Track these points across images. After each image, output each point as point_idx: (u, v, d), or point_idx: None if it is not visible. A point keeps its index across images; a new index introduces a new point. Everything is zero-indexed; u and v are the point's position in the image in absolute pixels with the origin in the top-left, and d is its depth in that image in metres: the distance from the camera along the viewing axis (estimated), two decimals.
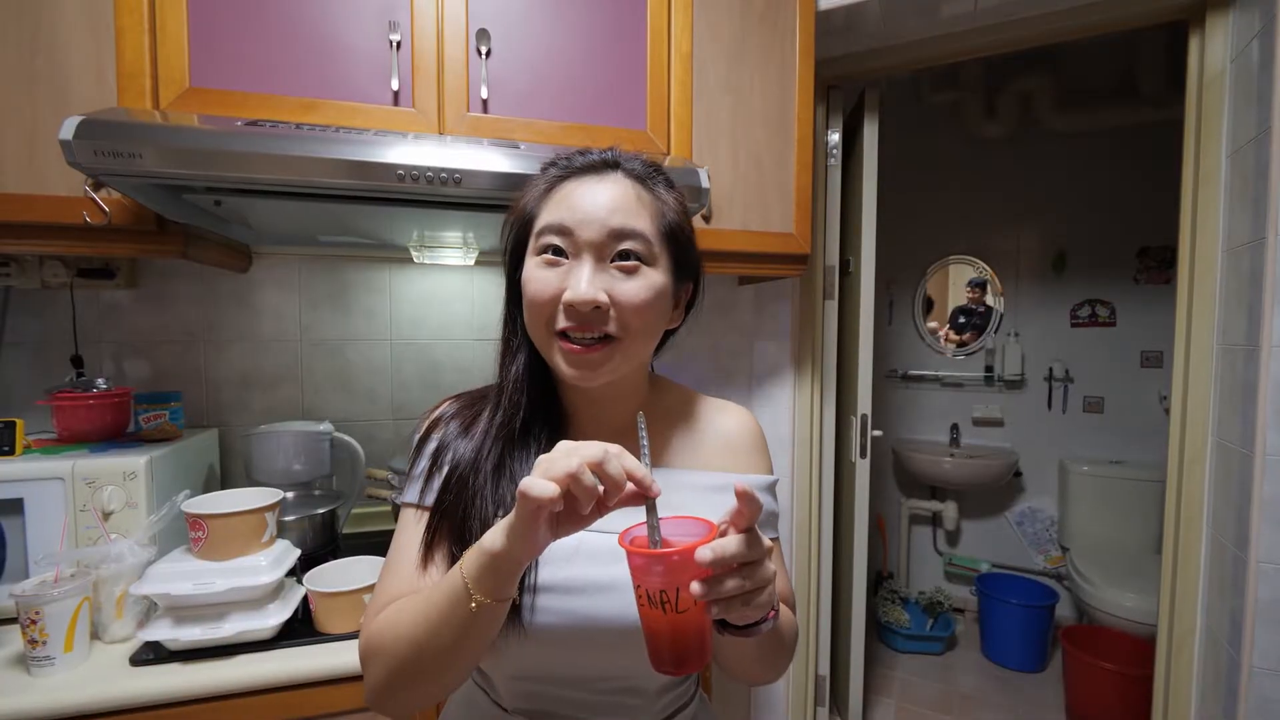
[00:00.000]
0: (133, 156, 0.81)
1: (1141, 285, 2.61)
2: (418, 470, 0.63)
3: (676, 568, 0.41)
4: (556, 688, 0.59)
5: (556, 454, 0.44)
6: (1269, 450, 1.12)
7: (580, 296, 0.54)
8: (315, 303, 1.47)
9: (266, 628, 0.93)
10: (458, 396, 0.70)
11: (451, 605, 0.48)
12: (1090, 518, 2.59)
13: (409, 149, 0.92)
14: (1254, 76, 1.21)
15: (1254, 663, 1.14)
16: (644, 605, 0.43)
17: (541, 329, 0.57)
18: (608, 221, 0.56)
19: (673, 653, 0.43)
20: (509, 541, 0.45)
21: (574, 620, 0.55)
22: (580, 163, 0.61)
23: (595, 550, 0.57)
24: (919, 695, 2.29)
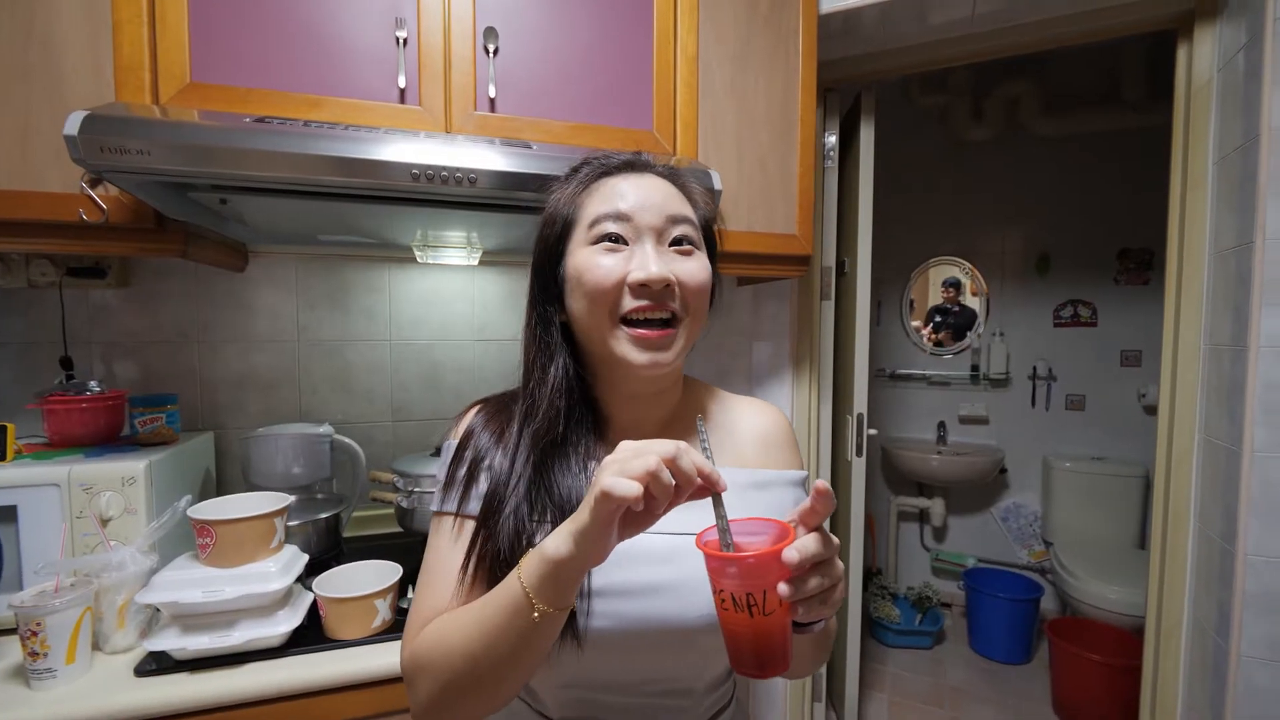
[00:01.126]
0: (141, 153, 0.79)
1: (1121, 286, 2.69)
2: (456, 480, 0.61)
3: (762, 570, 0.41)
4: (606, 693, 0.58)
5: (627, 454, 0.43)
6: (1256, 447, 1.17)
7: (656, 274, 0.54)
8: (313, 302, 1.45)
9: (276, 635, 0.91)
10: (485, 402, 0.69)
11: (510, 616, 0.47)
12: (1073, 513, 2.65)
13: (424, 148, 0.91)
14: (1240, 87, 1.25)
15: (1243, 651, 1.19)
16: (728, 610, 0.42)
17: (605, 317, 0.57)
18: (664, 207, 0.58)
19: (757, 655, 0.43)
20: (578, 546, 0.44)
21: (627, 624, 0.54)
22: (615, 161, 0.63)
23: (645, 552, 0.56)
24: (910, 689, 2.33)
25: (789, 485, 0.66)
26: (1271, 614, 1.16)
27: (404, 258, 1.50)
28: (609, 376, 0.63)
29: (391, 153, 0.89)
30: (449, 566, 0.58)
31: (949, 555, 2.93)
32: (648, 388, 0.62)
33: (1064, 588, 2.34)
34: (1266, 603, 1.17)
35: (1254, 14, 1.19)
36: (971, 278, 2.95)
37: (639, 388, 0.62)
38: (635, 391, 0.63)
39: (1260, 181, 1.15)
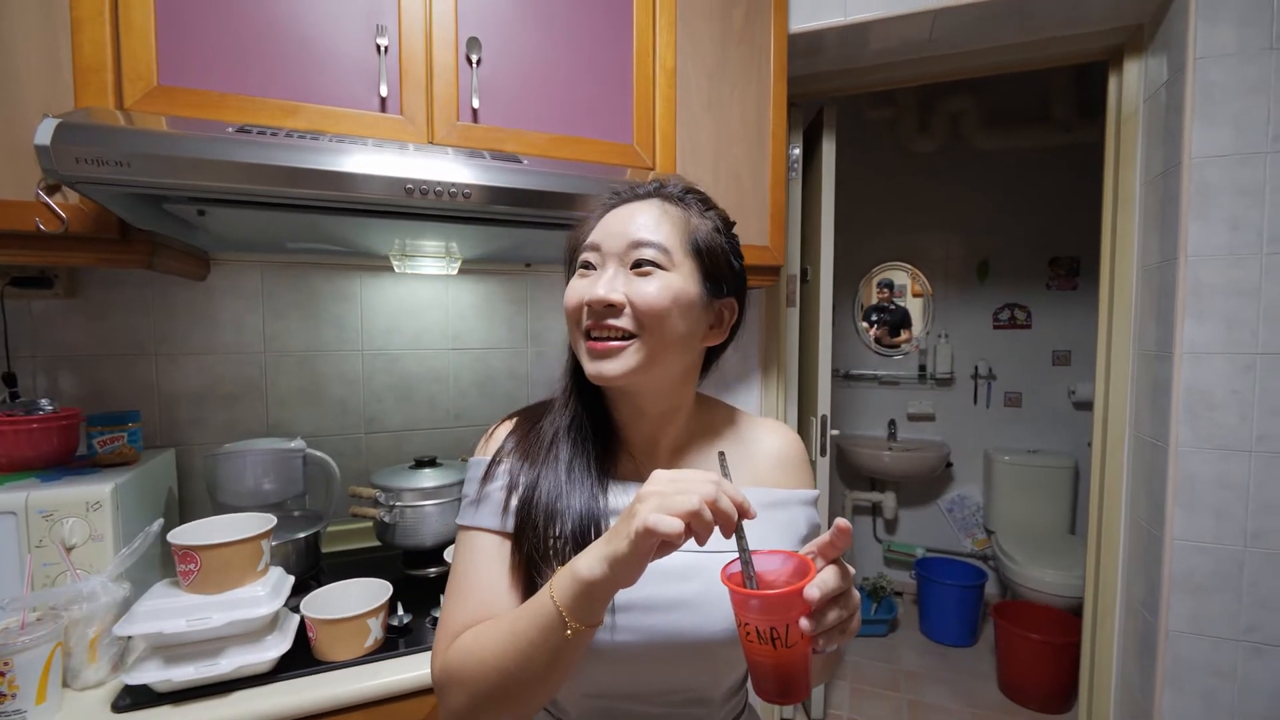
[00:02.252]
0: (120, 165, 0.76)
1: (1052, 291, 2.90)
2: (491, 496, 0.63)
3: (785, 605, 0.43)
4: (629, 703, 0.61)
5: (667, 488, 0.45)
6: (1180, 443, 1.30)
7: (596, 296, 0.59)
8: (280, 312, 1.40)
9: (265, 660, 0.89)
10: (516, 416, 0.71)
11: (544, 632, 0.49)
12: (1011, 503, 2.84)
13: (418, 162, 0.91)
14: (1163, 118, 1.38)
15: (1170, 627, 1.32)
16: (752, 641, 0.44)
17: (576, 333, 0.62)
18: (630, 234, 0.61)
19: (779, 684, 0.45)
20: (612, 570, 0.46)
21: (651, 637, 0.57)
22: (627, 194, 0.66)
23: (667, 569, 0.58)
24: (868, 675, 2.44)
25: (803, 504, 0.70)
26: (1195, 593, 1.30)
27: (376, 265, 1.46)
28: (619, 397, 0.66)
29: (387, 167, 0.88)
30: (484, 579, 0.60)
31: (900, 546, 3.09)
32: (645, 405, 0.65)
33: (1005, 573, 2.51)
34: (1190, 583, 1.30)
35: (1176, 51, 1.32)
36: (914, 280, 3.11)
37: (647, 406, 0.65)
38: (644, 410, 0.66)
39: (1182, 205, 1.27)
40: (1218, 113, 1.24)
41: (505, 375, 1.62)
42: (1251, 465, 1.25)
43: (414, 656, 0.98)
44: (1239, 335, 1.25)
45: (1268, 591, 1.25)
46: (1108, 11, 1.44)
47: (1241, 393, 1.25)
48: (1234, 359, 1.25)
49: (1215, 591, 1.28)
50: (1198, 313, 1.27)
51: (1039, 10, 1.43)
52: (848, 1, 1.50)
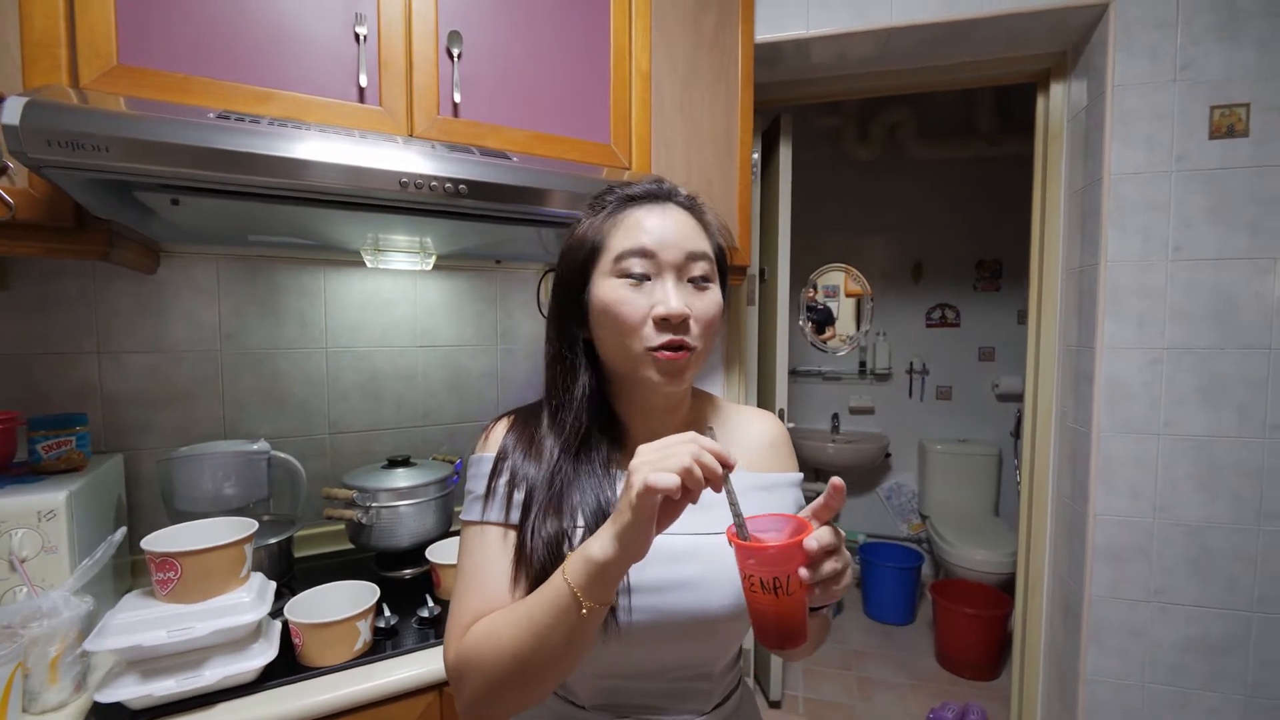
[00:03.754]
0: (98, 149, 0.71)
1: (978, 292, 3.14)
2: (497, 491, 0.64)
3: (786, 557, 0.47)
4: (637, 680, 0.63)
5: (655, 455, 0.49)
6: (1102, 428, 1.45)
7: (675, 309, 0.60)
8: (238, 308, 1.33)
9: (251, 670, 0.85)
10: (512, 415, 0.72)
11: (559, 614, 0.52)
12: (944, 488, 3.06)
13: (412, 156, 0.90)
14: (1084, 137, 1.54)
15: (1093, 592, 1.47)
16: (755, 592, 0.49)
17: (632, 346, 0.62)
18: (684, 245, 0.62)
19: (779, 631, 0.50)
20: (621, 545, 0.49)
21: (659, 617, 0.60)
22: (638, 191, 0.66)
23: (671, 551, 0.62)
24: (819, 656, 2.57)
25: (791, 486, 0.74)
26: (1113, 561, 1.46)
27: (340, 260, 1.41)
28: (628, 392, 0.68)
29: (382, 159, 0.86)
30: (493, 571, 0.61)
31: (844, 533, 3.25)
32: (663, 403, 0.68)
33: (940, 553, 2.70)
34: (1110, 553, 1.46)
35: (1096, 78, 1.48)
36: (848, 280, 3.28)
37: (656, 402, 0.68)
38: (652, 405, 0.69)
39: (1103, 216, 1.43)
40: (1132, 134, 1.40)
41: (475, 373, 1.60)
42: (1159, 447, 1.42)
43: (404, 658, 0.97)
44: (1149, 332, 1.41)
45: (1171, 558, 1.42)
46: (1036, 39, 1.58)
47: (1151, 383, 1.41)
48: (1145, 353, 1.41)
49: (1130, 560, 1.45)
50: (1115, 312, 1.42)
51: (978, 35, 1.56)
52: (809, 16, 1.58)
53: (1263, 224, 1.35)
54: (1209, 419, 1.39)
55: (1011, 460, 3.09)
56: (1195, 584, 1.41)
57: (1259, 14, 1.32)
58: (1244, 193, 1.35)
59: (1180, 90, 1.37)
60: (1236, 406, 1.37)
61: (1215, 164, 1.36)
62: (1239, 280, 1.36)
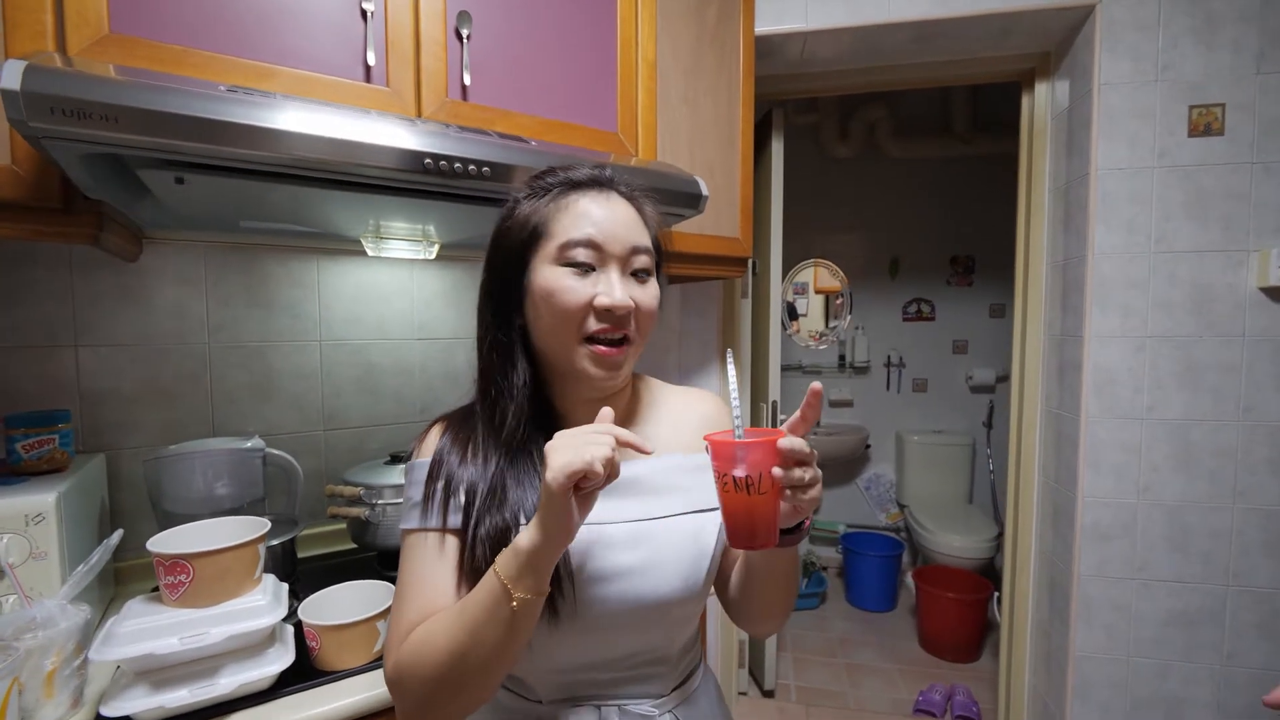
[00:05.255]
0: (105, 120, 0.66)
1: (952, 287, 3.23)
2: (434, 496, 0.62)
3: (759, 454, 0.49)
4: (593, 672, 0.63)
5: (571, 441, 0.50)
6: (1090, 414, 1.51)
7: (620, 301, 0.60)
8: (226, 299, 1.26)
9: (268, 676, 0.81)
10: (446, 418, 0.69)
11: (492, 609, 0.52)
12: (920, 478, 3.14)
13: (433, 136, 0.86)
14: (1067, 135, 1.60)
15: (1081, 571, 1.53)
16: (728, 491, 0.51)
17: (571, 335, 0.61)
18: (629, 239, 0.62)
19: (750, 528, 0.52)
20: (545, 531, 0.50)
21: (609, 606, 0.60)
22: (583, 176, 0.65)
23: (615, 540, 0.62)
24: (806, 645, 2.61)
25: None
26: (1100, 541, 1.52)
27: (335, 249, 1.36)
28: (565, 383, 0.66)
29: (404, 139, 0.82)
30: (433, 579, 0.59)
31: (824, 524, 3.31)
32: (598, 393, 0.66)
33: (920, 541, 2.78)
34: (1097, 533, 1.52)
35: (1081, 77, 1.53)
36: (821, 277, 3.34)
37: (592, 394, 0.66)
38: (587, 398, 0.66)
39: (1090, 211, 1.48)
40: (1116, 131, 1.46)
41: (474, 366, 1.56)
42: (1143, 431, 1.48)
43: None
44: (1133, 321, 1.47)
45: (1154, 536, 1.49)
46: (1023, 38, 1.63)
47: (1135, 370, 1.48)
48: (1129, 341, 1.48)
49: (1116, 539, 1.51)
50: (1102, 302, 1.48)
51: (968, 33, 1.60)
52: (809, 11, 1.59)
53: (1235, 219, 1.42)
54: (1187, 403, 1.46)
55: (984, 449, 3.20)
56: (1175, 561, 1.49)
57: (1233, 18, 1.39)
58: (1219, 189, 1.42)
59: (1161, 90, 1.43)
60: (1212, 391, 1.45)
61: (1193, 161, 1.43)
62: (1214, 272, 1.43)
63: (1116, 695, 1.53)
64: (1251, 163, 1.40)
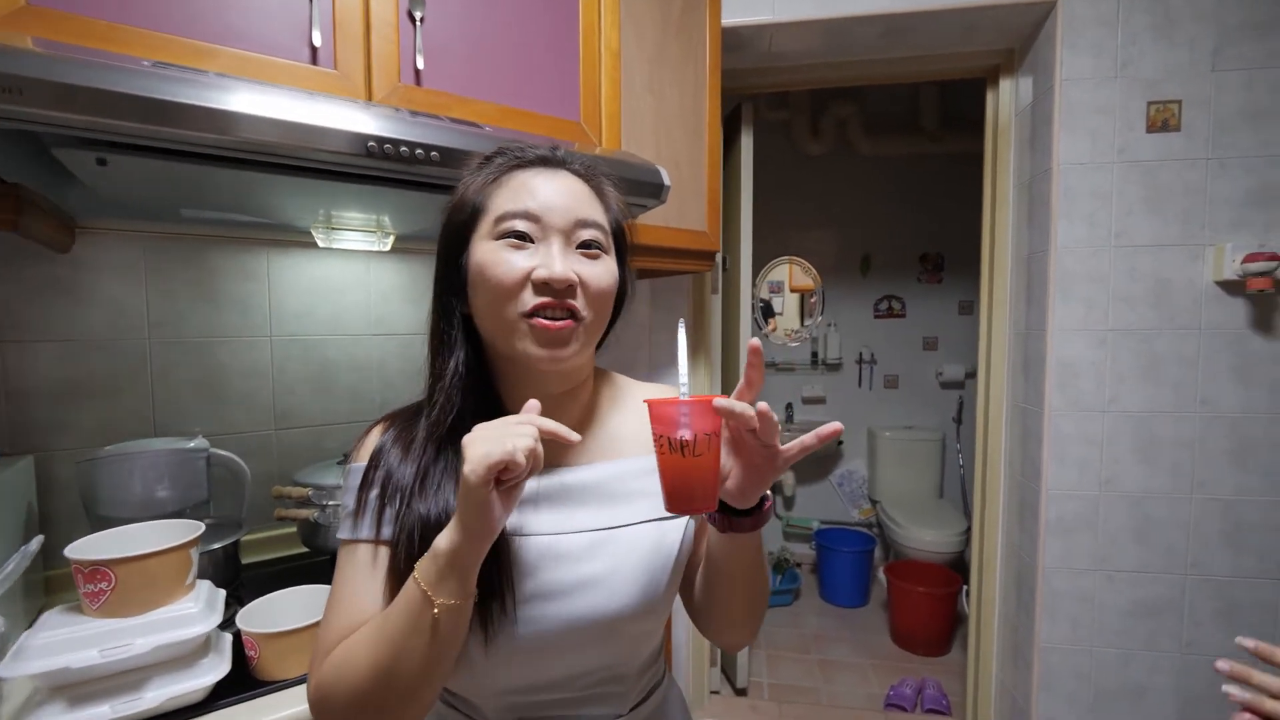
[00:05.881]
0: (7, 91, 0.61)
1: (922, 284, 3.26)
2: (368, 504, 0.57)
3: (694, 415, 0.48)
4: (545, 693, 0.59)
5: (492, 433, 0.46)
6: (1053, 408, 1.52)
7: (559, 274, 0.54)
8: (169, 292, 1.20)
9: (199, 688, 0.77)
10: (391, 417, 0.64)
11: (412, 618, 0.48)
12: (892, 473, 3.17)
13: (380, 119, 0.82)
14: (1030, 130, 1.61)
15: (1046, 564, 1.54)
16: (664, 453, 0.49)
17: (506, 312, 0.55)
18: (574, 211, 0.57)
19: (688, 490, 0.50)
20: (464, 531, 0.46)
21: (560, 624, 0.56)
22: (531, 155, 0.61)
23: (564, 553, 0.58)
24: (780, 641, 2.60)
25: None
26: (1064, 534, 1.53)
27: (286, 240, 1.30)
28: (512, 374, 0.61)
29: (348, 120, 0.79)
30: (362, 593, 0.55)
31: (798, 520, 3.32)
32: (553, 387, 0.61)
33: (891, 536, 2.79)
34: (1061, 526, 1.53)
35: (1044, 73, 1.54)
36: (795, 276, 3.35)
37: (544, 387, 0.60)
38: (540, 388, 0.60)
39: (1053, 205, 1.49)
40: (1078, 126, 1.47)
41: None
42: (1104, 424, 1.50)
43: None
44: (1095, 315, 1.49)
45: (1115, 528, 1.51)
46: (987, 35, 1.64)
47: (1097, 363, 1.49)
48: (1092, 335, 1.49)
49: (1079, 531, 1.52)
50: (1065, 296, 1.50)
51: (935, 28, 1.61)
52: (775, 2, 1.58)
53: (1192, 214, 1.44)
54: (1148, 396, 1.48)
55: (954, 444, 3.23)
56: (1137, 551, 1.50)
57: (1189, 16, 1.41)
58: (1177, 184, 1.44)
59: (1121, 86, 1.45)
60: (1172, 384, 1.47)
61: (1152, 156, 1.45)
62: (1173, 266, 1.46)
63: (1081, 686, 1.55)
64: (1207, 158, 1.43)
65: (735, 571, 0.60)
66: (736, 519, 0.54)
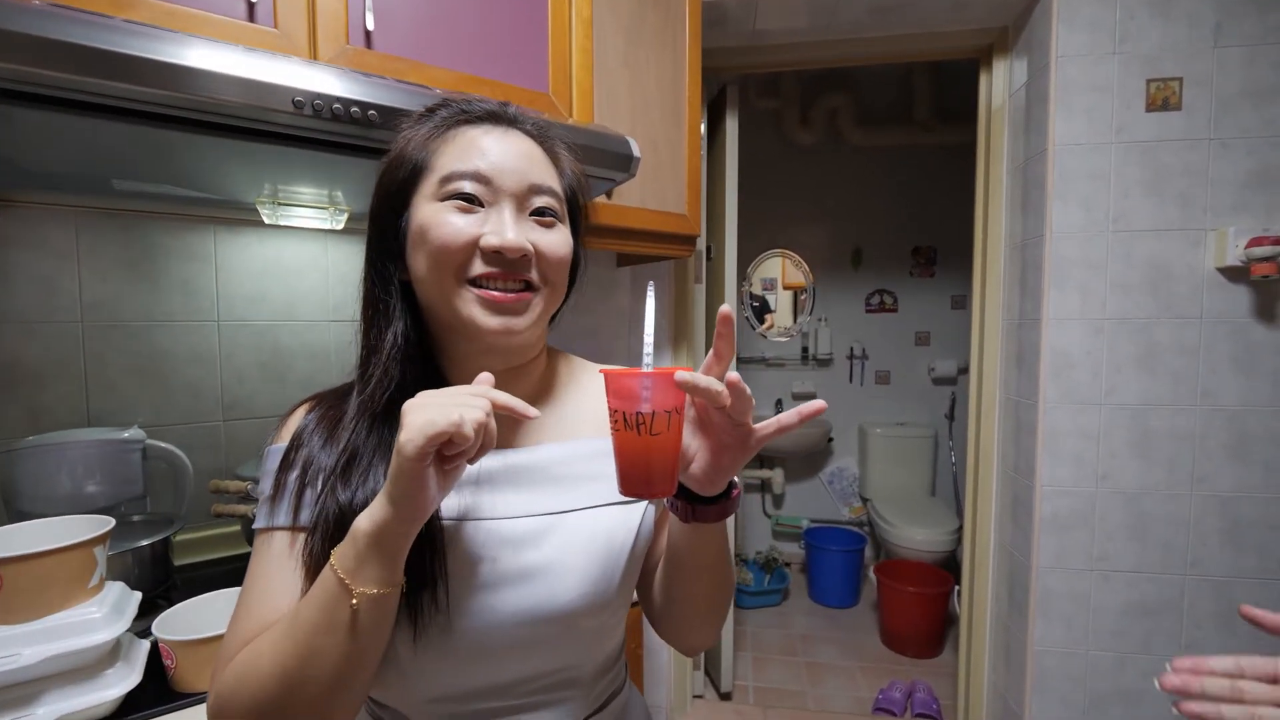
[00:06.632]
0: None
1: (915, 278, 3.20)
2: (286, 487, 0.51)
3: (655, 389, 0.43)
4: (484, 700, 0.53)
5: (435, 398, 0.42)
6: (1047, 400, 1.46)
7: (512, 242, 0.50)
8: (104, 273, 1.12)
9: (105, 702, 0.69)
10: (316, 398, 0.59)
11: (326, 611, 0.43)
12: (883, 471, 3.10)
13: (310, 73, 0.75)
14: (1025, 112, 1.55)
15: (1040, 563, 1.48)
16: (619, 430, 0.45)
17: (450, 278, 0.51)
18: (527, 175, 0.53)
19: (644, 473, 0.45)
20: (393, 507, 0.41)
21: (502, 617, 0.50)
22: (479, 109, 0.56)
23: (506, 539, 0.52)
24: (766, 643, 2.54)
25: None
26: (1059, 531, 1.47)
27: (234, 218, 1.22)
28: (456, 347, 0.56)
29: (271, 72, 0.71)
30: (277, 588, 0.49)
31: (787, 519, 3.25)
32: (500, 362, 0.56)
33: (883, 535, 2.73)
34: (1055, 523, 1.47)
35: (1039, 51, 1.48)
36: (789, 273, 3.28)
37: (490, 362, 0.55)
38: (491, 366, 0.53)
39: (1047, 187, 1.43)
40: (1074, 106, 1.41)
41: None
42: (1101, 416, 1.43)
43: None
44: (1091, 303, 1.42)
45: (1112, 525, 1.45)
46: (980, 11, 1.58)
47: (1094, 353, 1.43)
48: (1088, 324, 1.43)
49: (1074, 529, 1.46)
50: (1060, 283, 1.43)
51: (925, 4, 1.54)
52: None
53: (1193, 197, 1.38)
54: (1145, 387, 1.42)
55: (946, 441, 3.17)
56: (1134, 550, 1.44)
57: None
58: (1177, 165, 1.38)
59: (1119, 63, 1.39)
60: (1170, 375, 1.41)
61: (1151, 136, 1.38)
62: (1172, 252, 1.39)
63: (1075, 689, 1.49)
64: (1209, 139, 1.36)
65: (698, 566, 0.55)
66: (701, 507, 0.49)
